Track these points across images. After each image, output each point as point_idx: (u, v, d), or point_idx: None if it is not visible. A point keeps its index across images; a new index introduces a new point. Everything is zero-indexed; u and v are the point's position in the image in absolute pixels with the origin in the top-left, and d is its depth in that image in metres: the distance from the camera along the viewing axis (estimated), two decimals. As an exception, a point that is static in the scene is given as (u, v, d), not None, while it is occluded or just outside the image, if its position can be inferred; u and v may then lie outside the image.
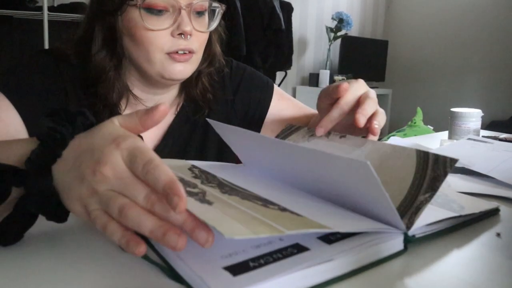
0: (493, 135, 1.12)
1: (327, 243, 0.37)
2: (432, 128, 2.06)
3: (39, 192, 0.37)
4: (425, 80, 4.24)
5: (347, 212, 0.43)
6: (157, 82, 0.72)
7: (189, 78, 0.75)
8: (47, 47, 2.00)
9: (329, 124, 0.60)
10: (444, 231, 0.46)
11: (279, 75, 3.28)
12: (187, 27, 0.66)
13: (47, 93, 0.67)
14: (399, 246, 0.41)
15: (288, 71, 3.27)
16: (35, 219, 0.40)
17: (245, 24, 2.75)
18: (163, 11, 0.65)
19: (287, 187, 0.51)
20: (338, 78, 3.67)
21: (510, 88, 3.68)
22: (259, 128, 0.89)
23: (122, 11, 0.66)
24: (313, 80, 3.74)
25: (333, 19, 3.76)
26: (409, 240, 0.41)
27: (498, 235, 0.47)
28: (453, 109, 1.10)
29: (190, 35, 0.67)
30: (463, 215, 0.47)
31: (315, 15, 3.91)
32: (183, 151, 0.79)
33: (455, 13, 3.99)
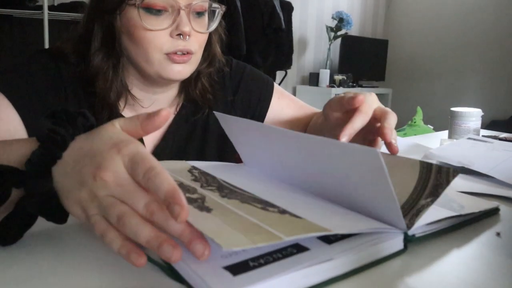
0: (493, 135, 1.12)
1: (327, 243, 0.37)
2: (432, 127, 2.06)
3: (39, 193, 0.37)
4: (425, 79, 4.24)
5: (347, 211, 0.43)
6: (155, 81, 0.72)
7: (189, 78, 0.75)
8: (47, 46, 2.00)
9: (353, 132, 0.60)
10: (444, 231, 0.46)
11: (279, 74, 3.28)
12: (186, 28, 0.66)
13: (47, 93, 0.67)
14: (399, 245, 0.41)
15: (288, 71, 3.27)
16: (34, 220, 0.40)
17: (245, 23, 2.75)
18: (162, 11, 0.65)
19: (287, 186, 0.51)
20: (338, 77, 3.67)
21: (510, 87, 3.68)
22: None
23: (121, 10, 0.66)
24: (313, 79, 3.74)
25: (333, 18, 3.76)
26: (409, 239, 0.41)
27: (498, 234, 0.47)
28: (453, 109, 1.10)
29: (189, 35, 0.67)
30: (463, 214, 0.47)
31: (315, 14, 3.91)
32: (183, 151, 0.79)
33: (455, 12, 3.99)
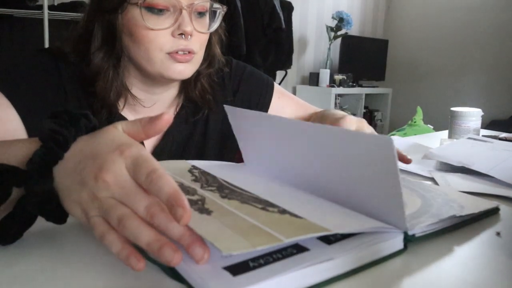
0: (493, 134, 1.12)
1: (326, 243, 0.37)
2: (432, 127, 2.06)
3: (39, 193, 0.37)
4: (425, 79, 4.23)
5: (347, 211, 0.43)
6: (156, 81, 0.72)
7: (189, 79, 0.75)
8: (47, 46, 2.00)
9: None
10: (444, 230, 0.46)
11: (279, 74, 3.28)
12: (188, 27, 0.66)
13: (46, 92, 0.67)
14: (399, 245, 0.41)
15: (288, 70, 3.27)
16: (34, 220, 0.40)
17: (245, 23, 2.74)
18: (164, 11, 0.65)
19: (288, 186, 0.51)
20: (338, 77, 3.67)
21: (510, 87, 3.68)
22: None
23: (122, 9, 0.66)
24: (313, 79, 3.74)
25: (333, 18, 3.76)
26: (409, 239, 0.41)
27: (498, 234, 0.47)
28: (453, 109, 1.10)
29: (190, 35, 0.67)
30: (463, 214, 0.47)
31: (315, 14, 3.91)
32: (182, 152, 0.79)
33: (455, 12, 3.98)
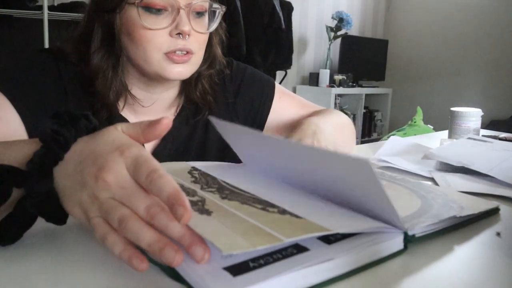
0: (493, 135, 1.12)
1: (326, 243, 0.37)
2: (432, 127, 2.06)
3: (39, 193, 0.37)
4: (425, 79, 4.24)
5: (347, 211, 0.43)
6: (155, 81, 0.72)
7: (189, 79, 0.75)
8: (47, 46, 2.00)
9: None
10: (444, 231, 0.46)
11: (279, 74, 3.28)
12: (185, 27, 0.65)
13: (46, 93, 0.67)
14: (399, 245, 0.41)
15: (288, 70, 3.27)
16: (34, 220, 0.40)
17: (245, 23, 2.74)
18: (162, 11, 0.65)
19: (287, 186, 0.51)
20: (338, 77, 3.67)
21: (510, 87, 3.68)
22: (261, 128, 0.89)
23: (120, 9, 0.66)
24: (313, 79, 3.74)
25: (333, 18, 3.76)
26: (409, 239, 0.41)
27: (498, 234, 0.47)
28: (453, 109, 1.10)
29: (188, 35, 0.67)
30: (463, 215, 0.47)
31: (315, 14, 3.91)
32: (182, 154, 0.79)
33: (455, 12, 3.99)
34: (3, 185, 0.37)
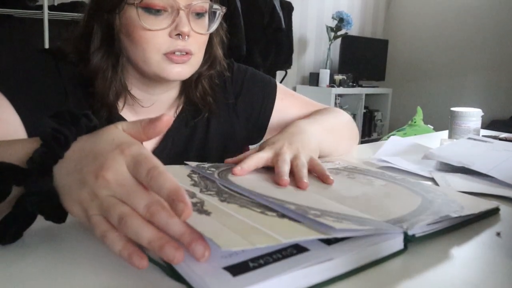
0: (493, 135, 1.12)
1: (326, 243, 0.37)
2: (432, 127, 2.06)
3: (39, 191, 0.37)
4: (425, 79, 4.23)
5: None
6: (155, 81, 0.72)
7: (189, 80, 0.75)
8: (47, 46, 2.00)
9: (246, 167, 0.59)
10: (444, 231, 0.46)
11: (279, 74, 3.28)
12: (185, 28, 0.65)
13: (46, 93, 0.67)
14: (399, 245, 0.41)
15: (288, 70, 3.27)
16: (34, 219, 0.40)
17: (245, 23, 2.74)
18: (162, 11, 0.65)
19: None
20: (338, 77, 3.67)
21: (510, 87, 3.68)
22: (264, 130, 0.88)
23: (120, 9, 0.65)
24: (313, 79, 3.74)
25: (333, 18, 3.76)
26: (409, 239, 0.41)
27: (498, 234, 0.47)
28: (453, 109, 1.10)
29: (188, 36, 0.66)
30: (463, 215, 0.47)
31: (315, 14, 3.91)
32: (182, 155, 0.79)
33: (455, 12, 3.98)
34: (3, 182, 0.37)
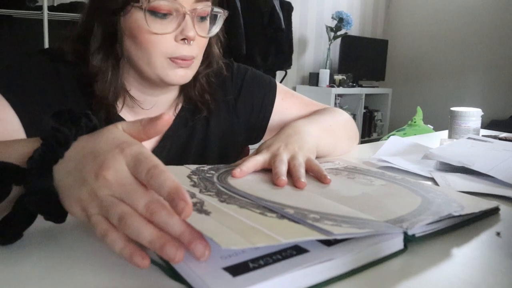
0: (493, 134, 1.12)
1: (326, 245, 0.37)
2: (432, 127, 2.06)
3: (39, 191, 0.37)
4: (425, 79, 4.24)
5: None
6: (155, 84, 0.71)
7: None
8: (47, 46, 2.00)
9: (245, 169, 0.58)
10: (444, 230, 0.46)
11: (279, 74, 3.28)
12: (191, 33, 0.65)
13: (45, 93, 0.67)
14: (399, 245, 0.41)
15: (288, 70, 3.27)
16: (34, 218, 0.40)
17: (245, 23, 2.74)
18: (167, 15, 0.65)
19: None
20: (338, 77, 3.67)
21: (510, 87, 3.68)
22: (264, 130, 0.88)
23: (125, 11, 0.65)
24: (313, 79, 3.74)
25: (333, 18, 3.76)
26: (409, 239, 0.41)
27: (498, 234, 0.47)
28: (453, 108, 1.10)
29: (193, 40, 0.66)
30: (463, 214, 0.47)
31: (315, 14, 3.91)
32: (181, 155, 0.79)
33: (455, 12, 3.99)
34: (3, 182, 0.37)
